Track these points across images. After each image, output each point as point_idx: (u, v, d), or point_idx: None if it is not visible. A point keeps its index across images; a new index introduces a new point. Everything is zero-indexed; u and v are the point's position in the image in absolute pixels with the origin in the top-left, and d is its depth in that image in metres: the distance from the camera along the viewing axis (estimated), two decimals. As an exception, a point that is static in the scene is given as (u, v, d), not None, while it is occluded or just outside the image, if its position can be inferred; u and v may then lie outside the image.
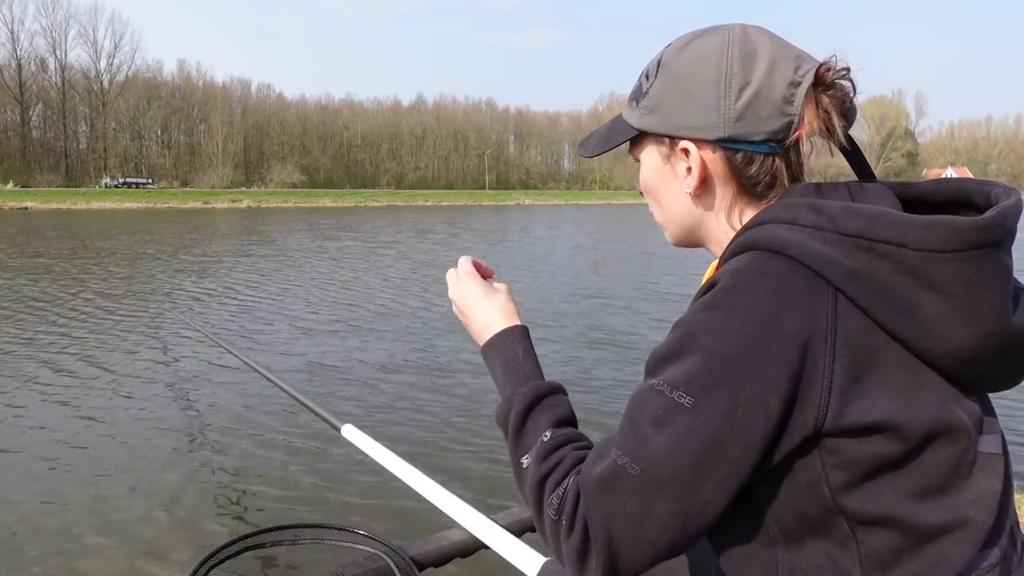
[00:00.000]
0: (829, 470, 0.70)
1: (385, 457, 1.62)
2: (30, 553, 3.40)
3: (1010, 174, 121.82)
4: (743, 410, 0.67)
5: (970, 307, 0.67)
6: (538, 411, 0.88)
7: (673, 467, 0.69)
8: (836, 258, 0.69)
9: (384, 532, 1.74)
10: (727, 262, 0.78)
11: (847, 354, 0.68)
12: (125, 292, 11.54)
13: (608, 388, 6.16)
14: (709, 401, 0.68)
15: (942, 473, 0.70)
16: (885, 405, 0.68)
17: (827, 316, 0.68)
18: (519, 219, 42.81)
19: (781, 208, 0.76)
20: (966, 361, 0.69)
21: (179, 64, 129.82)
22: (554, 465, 0.80)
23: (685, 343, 0.71)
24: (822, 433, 0.69)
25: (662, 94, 0.83)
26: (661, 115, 0.84)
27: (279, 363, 6.92)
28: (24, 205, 51.25)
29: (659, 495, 0.69)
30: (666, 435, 0.69)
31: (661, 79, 0.84)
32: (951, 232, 0.67)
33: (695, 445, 0.68)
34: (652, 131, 0.85)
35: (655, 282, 13.13)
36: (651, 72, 0.85)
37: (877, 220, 0.69)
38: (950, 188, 0.81)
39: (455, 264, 1.08)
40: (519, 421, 0.87)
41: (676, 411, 0.69)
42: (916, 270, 0.67)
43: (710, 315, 0.71)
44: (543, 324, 8.85)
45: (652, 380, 0.73)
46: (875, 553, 0.70)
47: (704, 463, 0.68)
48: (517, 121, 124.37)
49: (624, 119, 0.90)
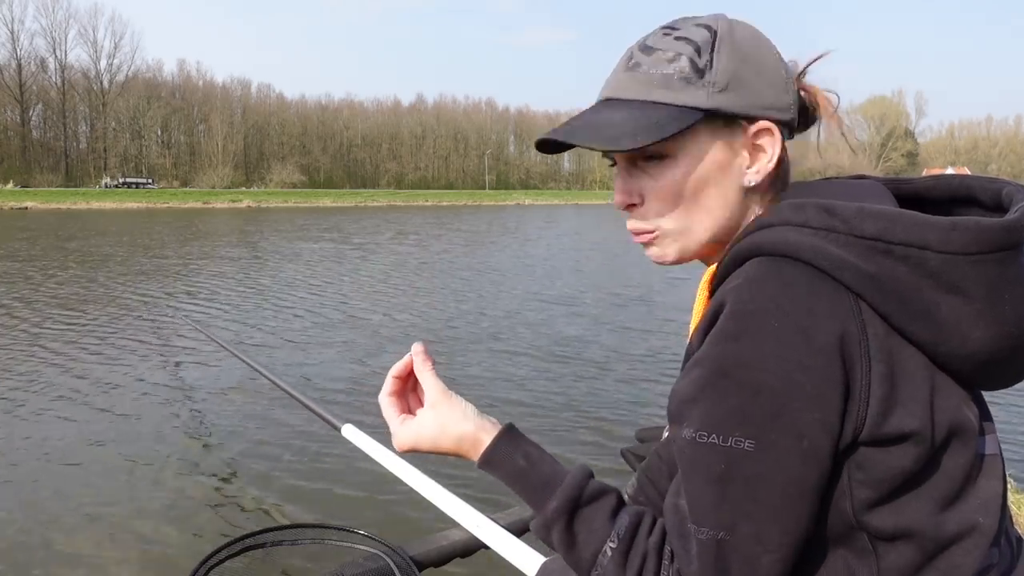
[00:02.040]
0: (855, 486, 0.67)
1: (385, 457, 1.62)
2: (29, 553, 3.40)
3: (1010, 174, 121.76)
4: (808, 440, 0.63)
5: (990, 309, 0.65)
6: (581, 519, 0.76)
7: (760, 518, 0.64)
8: (854, 262, 0.65)
9: (384, 532, 1.74)
10: (727, 272, 0.73)
11: (881, 360, 0.65)
12: (124, 291, 11.54)
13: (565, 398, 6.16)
14: (772, 439, 0.63)
15: (957, 479, 0.68)
16: (917, 411, 0.65)
17: (855, 322, 0.65)
18: (514, 218, 42.81)
19: (789, 209, 0.71)
20: (980, 363, 0.67)
21: (179, 64, 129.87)
22: (640, 567, 0.71)
23: (719, 382, 0.65)
24: (858, 443, 0.66)
25: (735, 70, 0.74)
26: (739, 93, 0.74)
27: (279, 363, 6.92)
28: (24, 205, 51.26)
29: (759, 548, 0.65)
30: (739, 488, 0.64)
31: (726, 54, 0.74)
32: (976, 234, 0.64)
33: (773, 489, 0.64)
34: (729, 110, 0.74)
35: (619, 291, 13.12)
36: (703, 47, 0.74)
37: (896, 222, 0.65)
38: (950, 185, 0.78)
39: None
40: (568, 538, 0.76)
41: (739, 459, 0.64)
42: (938, 273, 0.64)
43: (739, 345, 0.65)
44: (499, 336, 8.84)
45: (692, 431, 0.67)
46: (894, 566, 0.68)
47: (789, 504, 0.64)
48: (517, 121, 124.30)
49: (665, 102, 0.75)
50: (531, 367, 6.91)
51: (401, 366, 0.89)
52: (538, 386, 6.28)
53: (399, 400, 0.90)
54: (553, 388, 6.22)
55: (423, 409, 0.87)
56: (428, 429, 0.85)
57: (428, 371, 0.87)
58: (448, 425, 0.84)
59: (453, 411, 0.85)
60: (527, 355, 7.38)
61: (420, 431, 0.86)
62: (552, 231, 30.85)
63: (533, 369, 6.85)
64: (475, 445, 0.83)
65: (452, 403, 0.85)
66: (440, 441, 0.84)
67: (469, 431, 0.83)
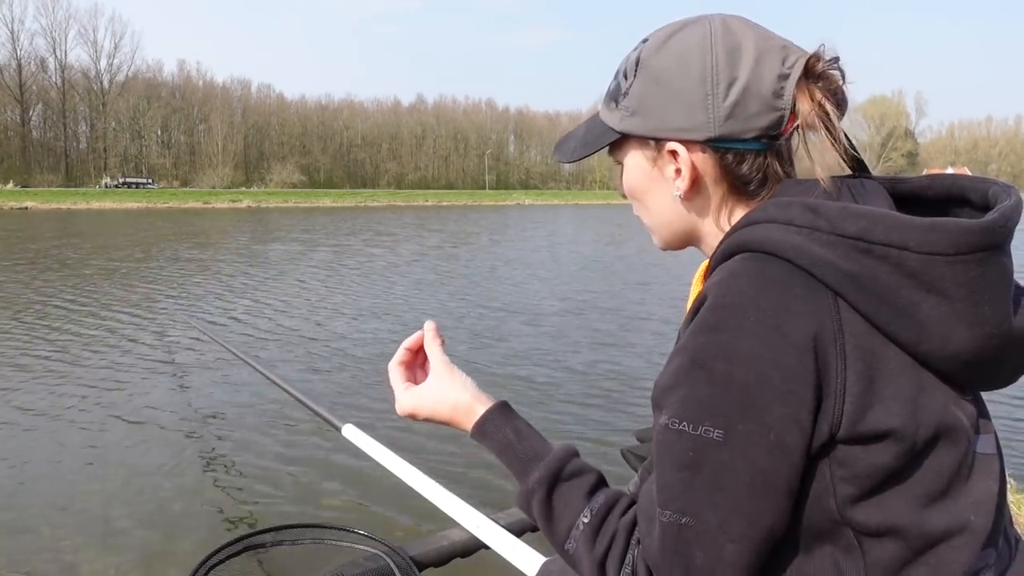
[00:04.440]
0: (837, 483, 0.68)
1: (385, 457, 1.62)
2: (28, 553, 3.40)
3: (1010, 174, 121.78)
4: (775, 433, 0.65)
5: (971, 309, 0.66)
6: (560, 492, 0.80)
7: (725, 508, 0.66)
8: (834, 261, 0.67)
9: (384, 532, 1.74)
10: (717, 266, 0.75)
11: (859, 358, 0.66)
12: (124, 291, 11.54)
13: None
14: (740, 430, 0.65)
15: (945, 477, 0.69)
16: (897, 410, 0.66)
17: (832, 320, 0.66)
18: (507, 219, 42.79)
19: (775, 207, 0.73)
20: (965, 363, 0.68)
21: (179, 64, 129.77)
22: (608, 544, 0.74)
23: (694, 372, 0.67)
24: (836, 440, 0.67)
25: (644, 94, 0.79)
26: (644, 117, 0.79)
27: (279, 362, 6.92)
28: (24, 205, 51.23)
29: (723, 538, 0.66)
30: (706, 477, 0.66)
31: (641, 79, 0.79)
32: (954, 235, 0.65)
33: (739, 479, 0.65)
34: (636, 134, 0.81)
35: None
36: (629, 71, 0.80)
37: (878, 222, 0.67)
38: (944, 185, 0.79)
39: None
40: (546, 510, 0.80)
41: (707, 448, 0.66)
42: (917, 273, 0.65)
43: (715, 338, 0.67)
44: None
45: (666, 418, 0.69)
46: (880, 562, 0.69)
47: (754, 494, 0.65)
48: (517, 121, 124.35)
49: (602, 121, 0.84)
50: (531, 367, 6.92)
51: (414, 339, 0.96)
52: (538, 386, 6.28)
53: (407, 370, 0.97)
54: (553, 388, 6.22)
55: (427, 379, 0.93)
56: (428, 396, 0.91)
57: (436, 347, 0.94)
58: (447, 394, 0.90)
59: (453, 381, 0.91)
60: (527, 355, 7.39)
61: (421, 397, 0.92)
62: (548, 231, 30.81)
63: (533, 369, 6.85)
64: (469, 415, 0.89)
65: (454, 374, 0.92)
66: (438, 408, 0.91)
67: (465, 400, 0.89)
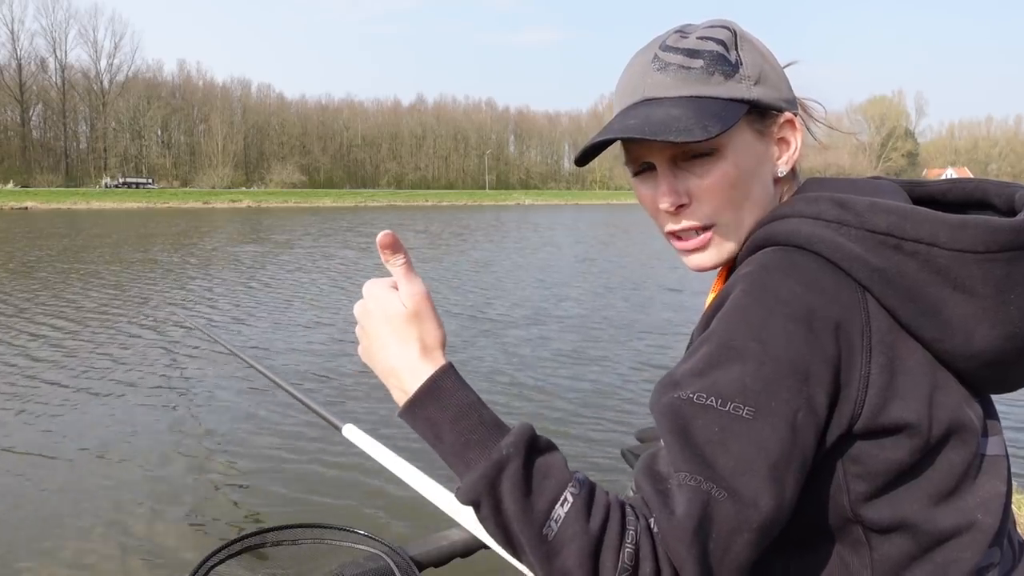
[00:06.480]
0: (851, 480, 0.68)
1: (385, 457, 1.62)
2: (28, 552, 3.41)
3: (1010, 174, 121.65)
4: (803, 412, 0.64)
5: (996, 309, 0.66)
6: (540, 461, 0.65)
7: (756, 482, 0.63)
8: (862, 255, 0.67)
9: (384, 532, 1.74)
10: (744, 260, 0.74)
11: (882, 351, 0.66)
12: (124, 291, 11.54)
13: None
14: (772, 408, 0.64)
15: (954, 476, 0.69)
16: (915, 406, 0.66)
17: (860, 313, 0.67)
18: (514, 218, 42.81)
19: (803, 202, 0.73)
20: (985, 363, 0.68)
21: (179, 64, 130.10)
22: (604, 518, 0.62)
23: (725, 353, 0.66)
24: (853, 432, 0.67)
25: (757, 64, 0.77)
26: (766, 87, 0.77)
27: (280, 362, 6.93)
28: (24, 205, 51.26)
29: (753, 512, 0.62)
30: (735, 451, 0.63)
31: (748, 50, 0.77)
32: (986, 233, 0.65)
33: (768, 456, 0.63)
34: (767, 103, 0.77)
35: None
36: (728, 43, 0.76)
37: (908, 217, 0.67)
38: (965, 189, 0.80)
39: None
40: (522, 482, 0.63)
41: (736, 424, 0.64)
42: (945, 270, 0.65)
43: (748, 318, 0.67)
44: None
45: (691, 391, 0.65)
46: (887, 558, 0.69)
47: (782, 471, 0.64)
48: (517, 121, 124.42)
49: (712, 96, 0.75)
50: (530, 367, 6.92)
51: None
52: (537, 386, 6.28)
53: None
54: (553, 388, 6.22)
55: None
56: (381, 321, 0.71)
57: (398, 266, 0.70)
58: (416, 335, 0.70)
59: (434, 327, 0.71)
60: (526, 354, 7.39)
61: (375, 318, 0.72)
62: (551, 231, 30.83)
63: (533, 368, 6.85)
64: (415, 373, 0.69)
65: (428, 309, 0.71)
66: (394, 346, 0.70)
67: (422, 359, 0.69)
